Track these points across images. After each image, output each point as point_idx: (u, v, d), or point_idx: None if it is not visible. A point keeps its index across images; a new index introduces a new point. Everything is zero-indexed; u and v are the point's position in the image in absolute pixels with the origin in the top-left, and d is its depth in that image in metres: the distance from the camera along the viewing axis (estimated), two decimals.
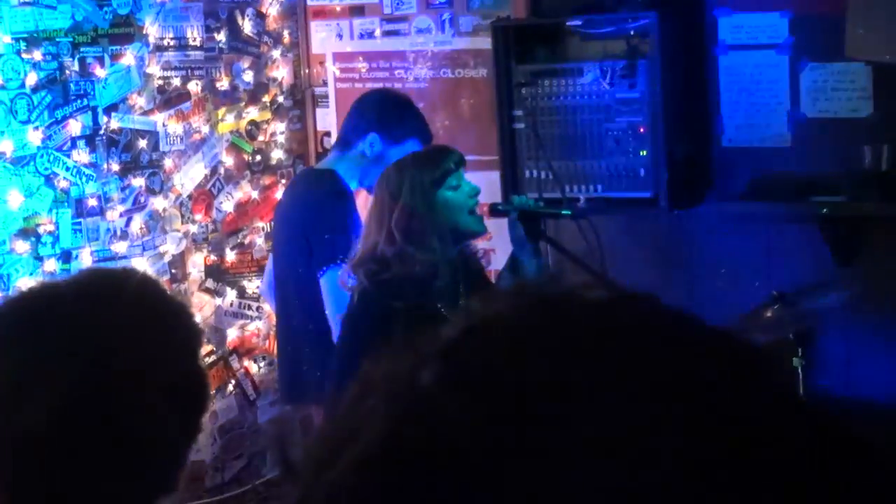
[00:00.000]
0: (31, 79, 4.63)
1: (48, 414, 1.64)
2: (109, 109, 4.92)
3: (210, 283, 5.37)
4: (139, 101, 5.04)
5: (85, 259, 4.79)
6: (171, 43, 5.19)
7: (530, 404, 0.70)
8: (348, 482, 0.71)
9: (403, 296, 3.71)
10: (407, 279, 3.75)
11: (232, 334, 5.44)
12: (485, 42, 5.15)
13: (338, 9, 5.69)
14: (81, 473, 1.67)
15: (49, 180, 4.69)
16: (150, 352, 1.73)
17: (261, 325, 5.54)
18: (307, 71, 5.81)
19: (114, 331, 1.71)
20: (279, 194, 5.47)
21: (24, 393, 1.66)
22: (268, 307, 5.33)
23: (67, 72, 4.76)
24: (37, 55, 4.64)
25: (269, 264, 4.94)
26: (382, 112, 4.58)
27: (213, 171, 5.38)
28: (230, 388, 5.43)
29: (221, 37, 5.41)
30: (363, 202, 4.56)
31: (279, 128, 5.69)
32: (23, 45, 4.60)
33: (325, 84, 5.76)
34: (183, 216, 5.24)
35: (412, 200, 3.79)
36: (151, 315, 1.78)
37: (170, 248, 5.17)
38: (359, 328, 3.79)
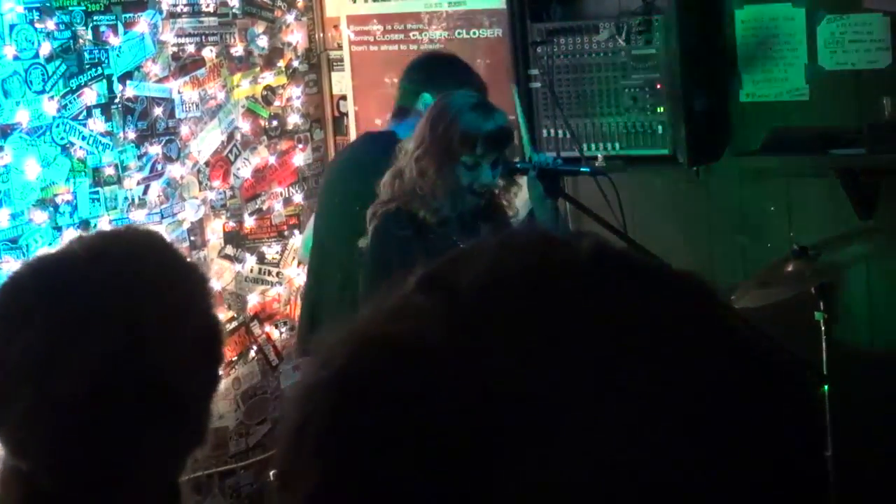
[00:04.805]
0: (45, 48, 4.62)
1: (84, 378, 1.63)
2: (124, 77, 4.92)
3: (229, 250, 5.37)
4: (154, 69, 5.03)
5: (103, 228, 4.79)
6: (185, 9, 5.18)
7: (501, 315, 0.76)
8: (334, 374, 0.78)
9: (412, 226, 3.73)
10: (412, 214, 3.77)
11: (252, 300, 5.44)
12: (499, 1, 5.12)
13: None
14: (122, 432, 1.68)
15: (65, 150, 4.69)
16: (173, 305, 1.73)
17: (281, 290, 5.54)
18: (322, 34, 5.79)
19: (136, 288, 1.71)
20: (296, 159, 5.46)
21: (57, 361, 1.64)
22: (287, 272, 5.31)
23: (81, 40, 4.75)
24: (50, 24, 4.64)
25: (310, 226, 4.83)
26: (429, 69, 4.55)
27: (230, 137, 5.37)
28: (252, 353, 5.43)
29: (235, 2, 5.39)
30: None
31: (295, 92, 5.67)
32: (36, 14, 4.59)
33: (339, 47, 5.74)
34: (200, 183, 5.24)
35: (438, 149, 3.78)
36: (168, 269, 1.78)
37: (188, 215, 5.17)
38: (376, 262, 3.77)
